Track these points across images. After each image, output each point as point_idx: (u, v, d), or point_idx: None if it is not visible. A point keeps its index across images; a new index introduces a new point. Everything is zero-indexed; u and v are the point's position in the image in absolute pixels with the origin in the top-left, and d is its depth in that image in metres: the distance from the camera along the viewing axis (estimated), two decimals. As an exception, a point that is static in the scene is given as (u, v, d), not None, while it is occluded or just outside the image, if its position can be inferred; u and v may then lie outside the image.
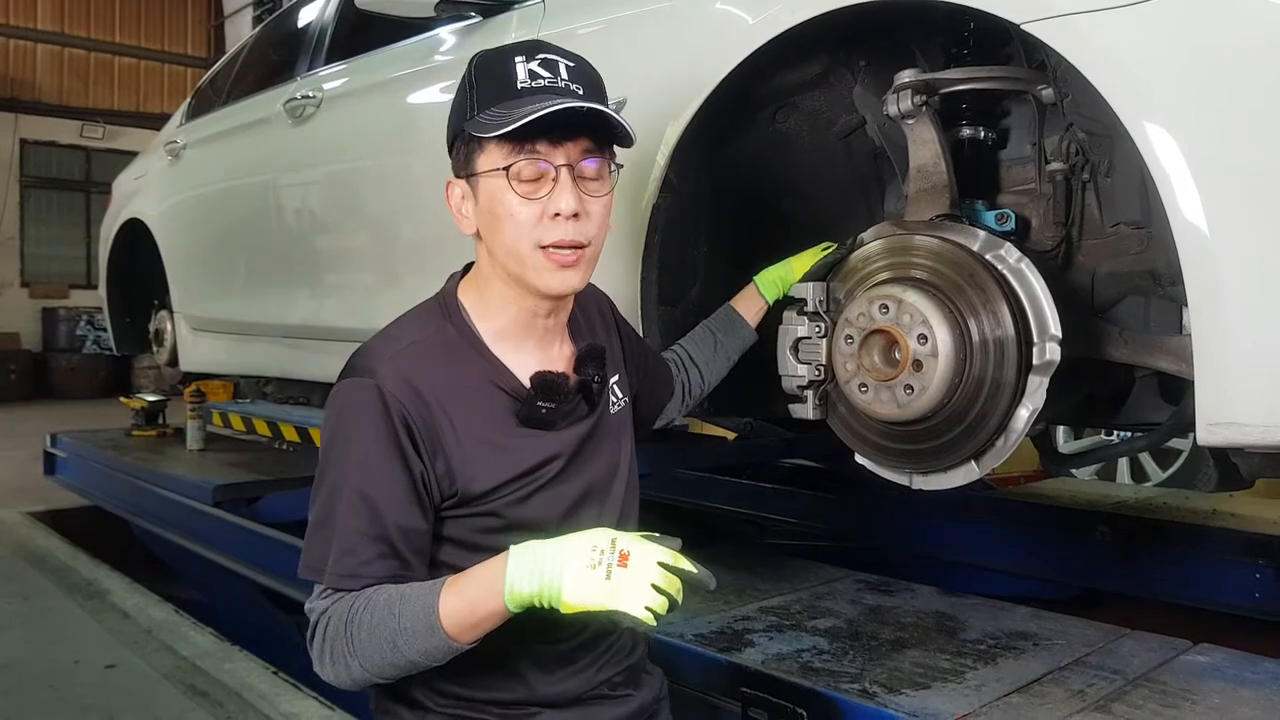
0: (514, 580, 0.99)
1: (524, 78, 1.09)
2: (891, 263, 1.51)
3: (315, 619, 1.08)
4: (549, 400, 1.14)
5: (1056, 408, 1.51)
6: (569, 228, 1.09)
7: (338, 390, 1.12)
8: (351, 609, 1.04)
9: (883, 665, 1.66)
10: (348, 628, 1.04)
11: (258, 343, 3.38)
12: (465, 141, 1.13)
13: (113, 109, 12.07)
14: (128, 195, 4.33)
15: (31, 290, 11.56)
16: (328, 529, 1.08)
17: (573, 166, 1.09)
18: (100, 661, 2.65)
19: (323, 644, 1.06)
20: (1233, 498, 3.01)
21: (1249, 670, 1.65)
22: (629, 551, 0.98)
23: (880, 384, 1.48)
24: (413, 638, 1.01)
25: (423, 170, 2.42)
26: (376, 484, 1.06)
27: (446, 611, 1.01)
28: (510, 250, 1.11)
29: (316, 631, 1.07)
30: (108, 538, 4.08)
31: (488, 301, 1.16)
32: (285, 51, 3.39)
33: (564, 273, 1.11)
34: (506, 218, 1.09)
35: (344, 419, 1.10)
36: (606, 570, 0.97)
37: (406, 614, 1.02)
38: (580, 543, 1.00)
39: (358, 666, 1.04)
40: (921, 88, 1.50)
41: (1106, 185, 1.51)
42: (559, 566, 0.98)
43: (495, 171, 1.09)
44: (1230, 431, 1.15)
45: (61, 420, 6.72)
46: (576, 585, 0.97)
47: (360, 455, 1.07)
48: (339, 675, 1.06)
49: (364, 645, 1.03)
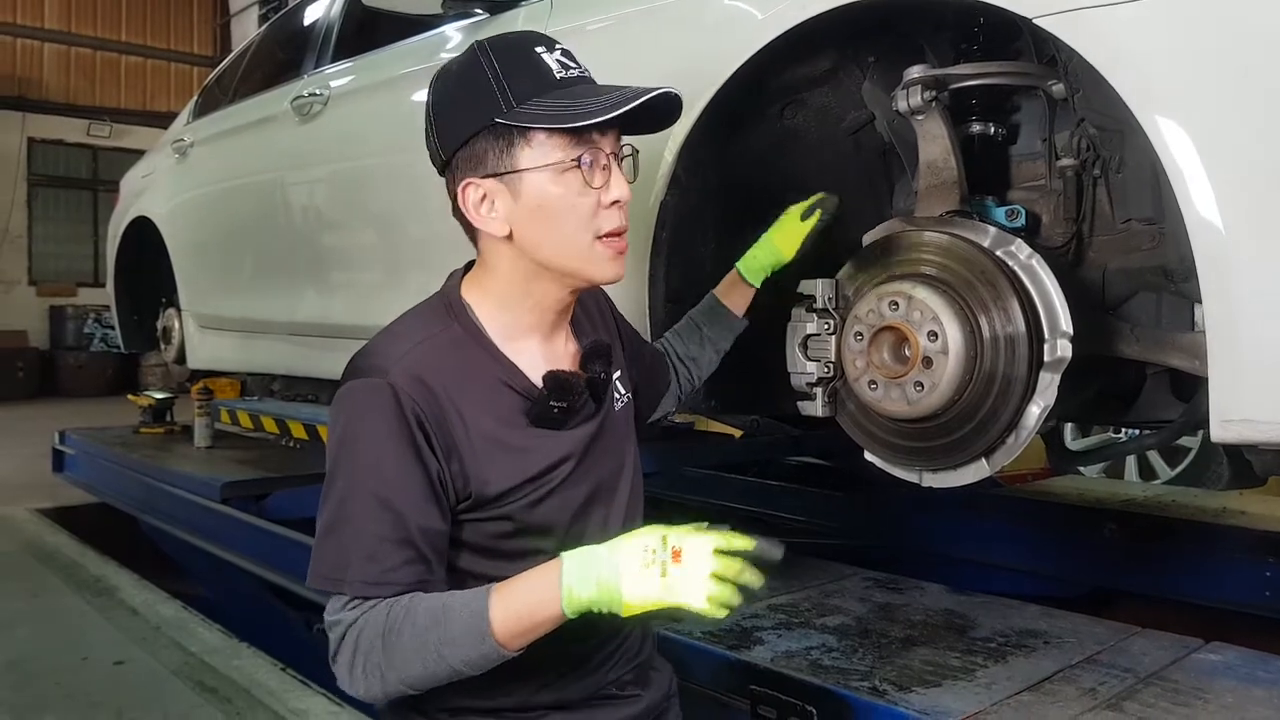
0: (572, 586, 0.99)
1: (556, 69, 1.06)
2: (901, 259, 1.51)
3: (343, 631, 1.02)
4: (562, 400, 1.12)
5: (1067, 405, 1.50)
6: (621, 215, 1.09)
7: (346, 392, 1.08)
8: (390, 619, 1.00)
9: (893, 663, 1.65)
10: (385, 638, 1.00)
11: (265, 340, 3.39)
12: (498, 136, 1.06)
13: (119, 107, 12.11)
14: (135, 193, 4.34)
15: (39, 288, 11.61)
16: (344, 535, 1.04)
17: (617, 155, 1.10)
18: (109, 658, 2.66)
19: (353, 657, 1.02)
20: (1242, 495, 3.00)
21: (1261, 669, 1.65)
22: (680, 547, 0.98)
23: (890, 381, 1.47)
24: (459, 647, 0.99)
25: (429, 168, 2.41)
26: (394, 485, 1.03)
27: (498, 620, 0.99)
28: (566, 245, 1.08)
29: (344, 644, 1.02)
30: (116, 535, 4.08)
31: (498, 299, 1.13)
32: (292, 49, 3.39)
33: (618, 260, 1.11)
34: (567, 211, 1.06)
35: (354, 419, 1.06)
36: (661, 568, 0.97)
37: (454, 623, 0.99)
38: (632, 544, 1.00)
39: (394, 679, 1.00)
40: (931, 83, 1.50)
41: (1118, 181, 1.50)
42: (615, 569, 0.98)
43: (554, 165, 1.05)
44: (1244, 428, 1.14)
45: (69, 418, 6.74)
46: (634, 586, 0.97)
47: (374, 457, 1.04)
48: (370, 688, 1.02)
49: (405, 656, 0.99)
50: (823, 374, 1.56)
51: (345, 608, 1.03)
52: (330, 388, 3.61)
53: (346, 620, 1.02)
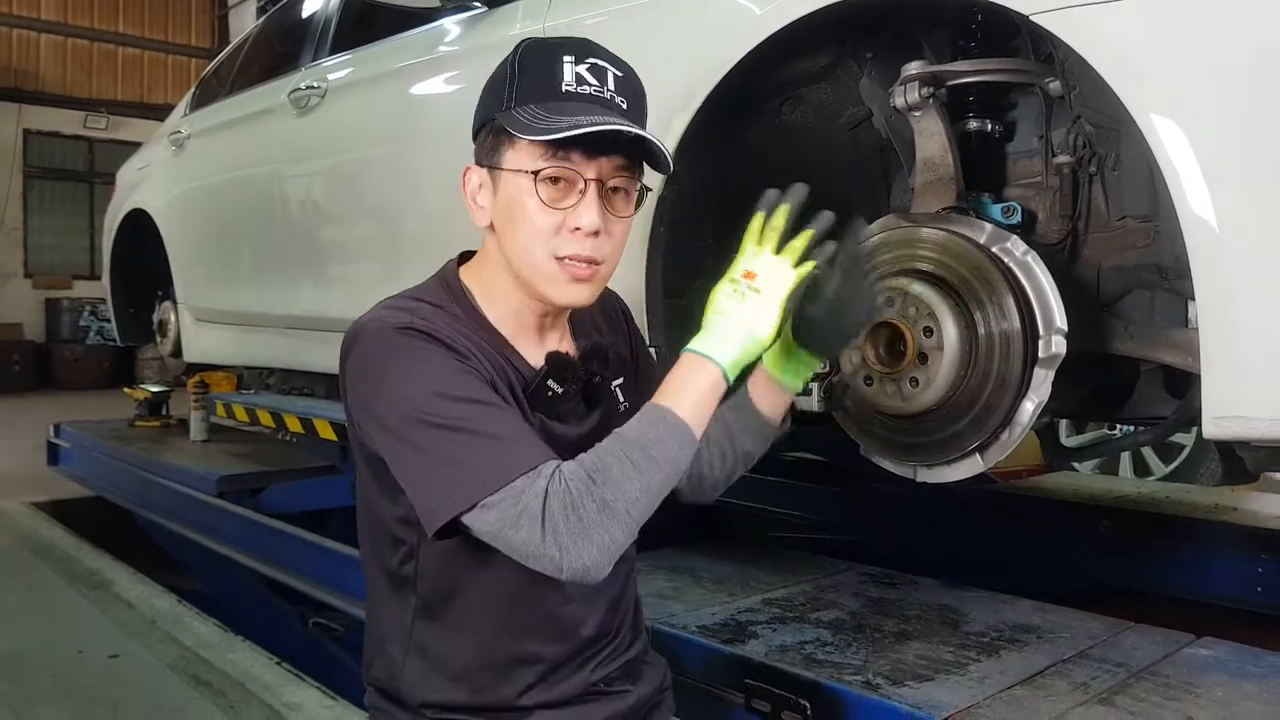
0: (722, 357, 1.05)
1: (570, 80, 1.04)
2: (898, 255, 1.51)
3: (539, 506, 0.95)
4: (559, 382, 1.12)
5: (1062, 401, 1.51)
6: (587, 244, 1.05)
7: (368, 346, 1.05)
8: (583, 464, 0.98)
9: (886, 657, 1.66)
10: (592, 478, 0.97)
11: (261, 334, 3.39)
12: (495, 132, 1.07)
13: (116, 99, 12.08)
14: (131, 186, 4.33)
15: (35, 281, 11.59)
16: (467, 440, 0.98)
17: (602, 182, 1.05)
18: (104, 651, 2.66)
19: (567, 517, 0.95)
20: (1235, 492, 3.01)
21: (1251, 663, 1.65)
22: (746, 269, 1.08)
23: (886, 377, 1.48)
24: (665, 445, 1.00)
25: (426, 160, 2.42)
26: (474, 387, 1.02)
27: (682, 411, 1.02)
28: (523, 253, 1.07)
29: (547, 517, 0.95)
30: (111, 528, 4.08)
31: (490, 289, 1.13)
32: (289, 42, 3.38)
33: (576, 285, 1.07)
34: (524, 221, 1.05)
35: (394, 357, 1.03)
36: (751, 290, 1.06)
37: (646, 432, 1.01)
38: (721, 300, 1.07)
39: (620, 508, 0.96)
40: (929, 80, 1.50)
41: (1113, 178, 1.51)
42: (732, 321, 1.06)
43: (521, 172, 1.04)
44: (1237, 425, 1.15)
45: (65, 411, 6.72)
46: (753, 318, 1.06)
47: (438, 372, 1.01)
48: (594, 536, 0.96)
49: (618, 480, 0.97)
50: (818, 369, 1.56)
51: (517, 495, 0.96)
52: (326, 380, 3.64)
53: (533, 496, 0.96)
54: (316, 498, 3.56)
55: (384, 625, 1.19)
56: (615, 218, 1.07)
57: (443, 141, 2.32)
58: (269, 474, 3.59)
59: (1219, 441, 1.28)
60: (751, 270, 1.07)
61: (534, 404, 1.11)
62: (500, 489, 0.96)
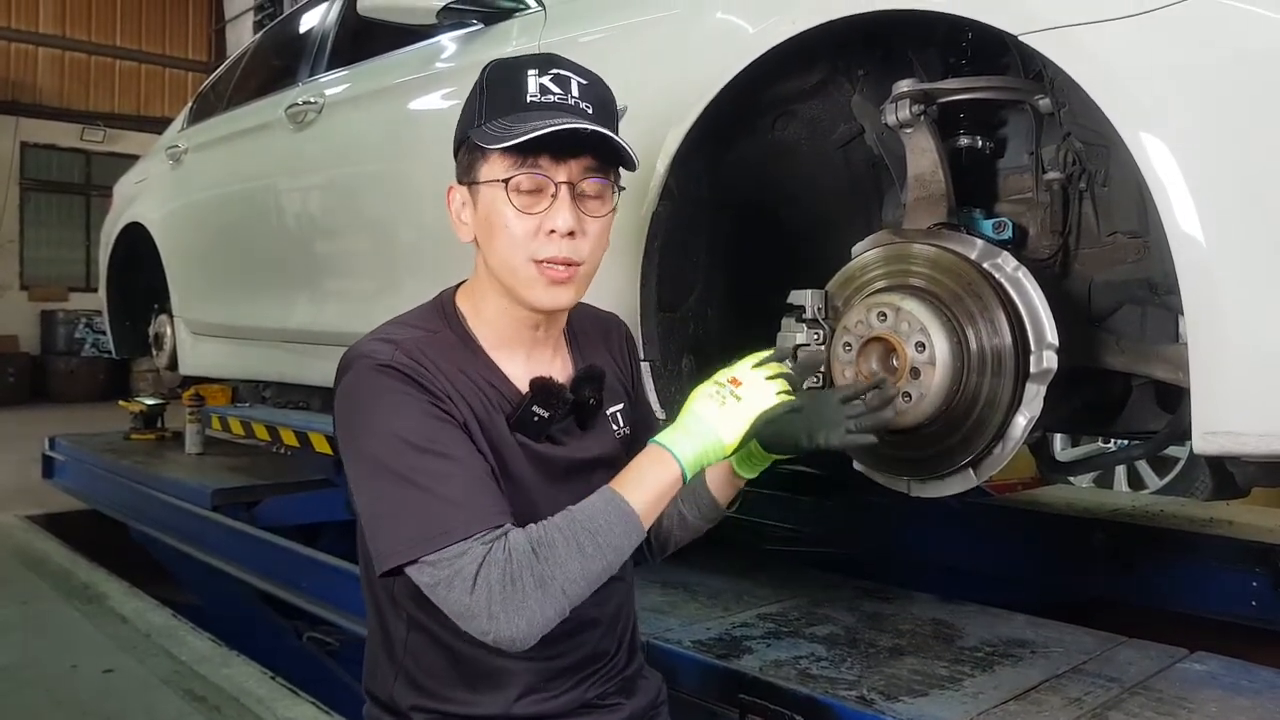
0: (684, 456, 1.09)
1: (534, 91, 1.08)
2: (889, 271, 1.52)
3: (473, 572, 0.99)
4: (545, 407, 1.14)
5: (1054, 415, 1.51)
6: (563, 245, 1.09)
7: (351, 381, 1.09)
8: (531, 536, 1.02)
9: (880, 672, 1.66)
10: (537, 552, 1.00)
11: (257, 347, 3.39)
12: (469, 149, 1.12)
13: (113, 112, 12.10)
14: (128, 199, 4.34)
15: (31, 293, 11.57)
16: (416, 500, 1.02)
17: (573, 184, 1.09)
18: (98, 666, 2.65)
19: (501, 589, 0.99)
20: (1229, 505, 3.01)
21: (1245, 678, 1.66)
22: (733, 376, 1.14)
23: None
24: (611, 534, 1.04)
25: (423, 176, 2.42)
26: (439, 438, 1.05)
27: (635, 502, 1.06)
28: (503, 261, 1.11)
29: (479, 585, 0.99)
30: (106, 542, 4.07)
31: (481, 310, 1.17)
32: (287, 57, 3.40)
33: (555, 289, 1.11)
34: (502, 229, 1.09)
35: (371, 399, 1.07)
36: (733, 397, 1.11)
37: (596, 518, 1.04)
38: (701, 400, 1.12)
39: (555, 588, 1.00)
40: (920, 97, 1.51)
41: (1103, 194, 1.52)
42: (704, 424, 1.10)
43: (495, 182, 1.09)
44: (1226, 440, 1.16)
45: (60, 423, 6.72)
46: (724, 425, 1.10)
47: (406, 422, 1.05)
48: (525, 615, 0.99)
49: (561, 560, 1.00)
50: (812, 384, 1.57)
51: (455, 558, 1.00)
52: (322, 395, 3.64)
53: (470, 561, 1.00)
54: (312, 511, 3.56)
55: (381, 637, 1.21)
56: (590, 218, 1.11)
57: (438, 157, 2.31)
58: (264, 487, 3.59)
59: (1209, 456, 1.28)
60: (739, 379, 1.13)
61: (519, 428, 1.14)
62: (439, 550, 1.00)
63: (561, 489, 1.15)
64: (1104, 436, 3.45)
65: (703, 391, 1.13)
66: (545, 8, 2.14)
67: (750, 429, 1.11)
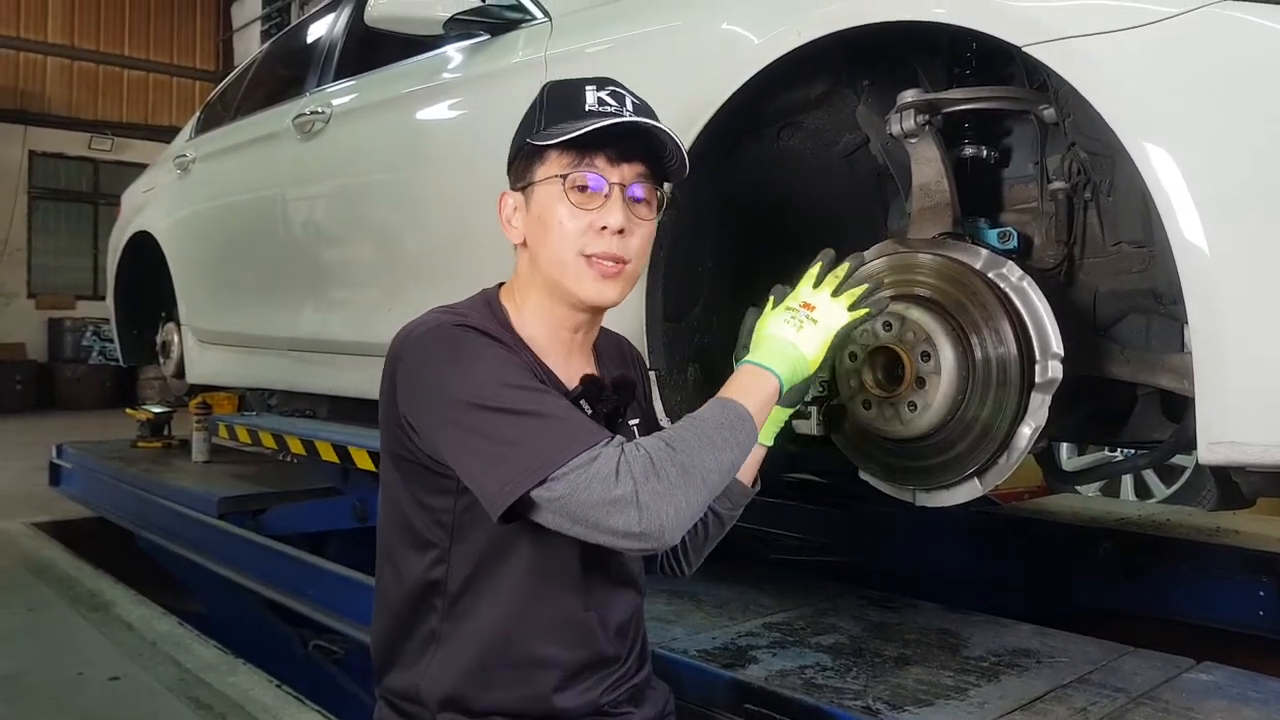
0: (779, 370, 1.14)
1: (592, 103, 1.14)
2: (895, 280, 1.52)
3: (614, 465, 0.99)
4: (592, 403, 1.18)
5: (1059, 425, 1.52)
6: (614, 241, 1.13)
7: (427, 341, 1.11)
8: (660, 437, 1.05)
9: (886, 682, 1.66)
10: (671, 445, 1.03)
11: (264, 355, 3.40)
12: (527, 155, 1.17)
13: (121, 121, 12.15)
14: (136, 208, 4.36)
15: (38, 301, 11.60)
16: (535, 422, 1.03)
17: (625, 186, 1.14)
18: (104, 673, 2.65)
19: (647, 476, 0.99)
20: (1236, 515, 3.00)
21: (1251, 689, 1.65)
22: (805, 301, 1.19)
23: (884, 400, 1.49)
24: (734, 430, 1.08)
25: (429, 186, 2.44)
26: (534, 379, 1.09)
27: (749, 405, 1.11)
28: (554, 257, 1.14)
29: (621, 474, 0.99)
30: (112, 549, 4.07)
31: (523, 310, 1.20)
32: (294, 67, 3.42)
33: (604, 283, 1.15)
34: (556, 225, 1.13)
35: (454, 349, 1.09)
36: (810, 321, 1.17)
37: (717, 415, 1.08)
38: (778, 324, 1.18)
39: (697, 476, 1.02)
40: (924, 107, 1.52)
41: (1108, 204, 1.52)
42: (789, 344, 1.15)
43: (552, 179, 1.13)
44: (1231, 450, 1.16)
45: (67, 431, 6.72)
46: (806, 344, 1.16)
47: (501, 365, 1.08)
48: (674, 498, 1.00)
49: (694, 451, 1.03)
50: (817, 393, 1.57)
51: (588, 462, 1.00)
52: (328, 403, 3.64)
53: (606, 460, 1.00)
54: (318, 520, 3.56)
55: (403, 633, 1.21)
56: (638, 220, 1.16)
57: (445, 166, 2.34)
58: (270, 496, 3.59)
59: (1214, 466, 1.28)
60: (812, 303, 1.19)
61: None
62: (567, 461, 1.01)
63: None
64: (1110, 446, 3.44)
65: (776, 318, 1.18)
66: (551, 19, 2.15)
67: (828, 349, 1.18)
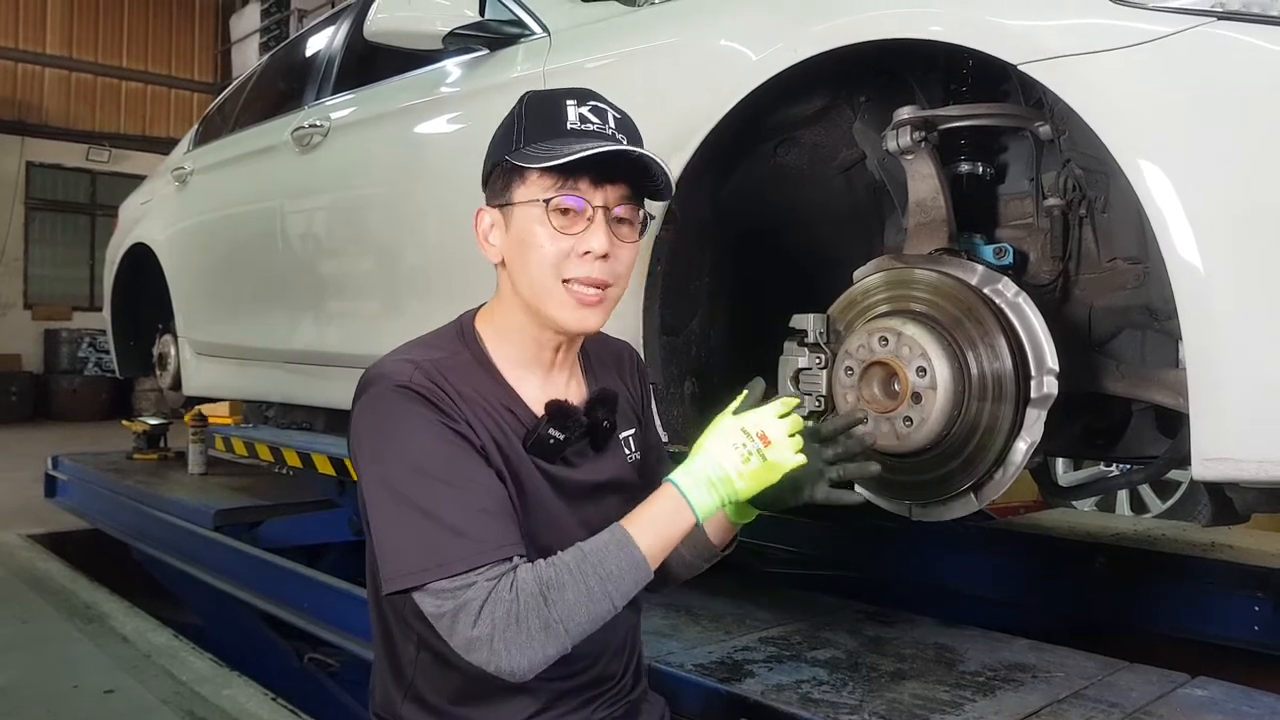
0: (697, 502, 1.08)
1: (574, 120, 1.11)
2: (891, 296, 1.53)
3: (477, 608, 1.00)
4: (560, 429, 1.15)
5: (1054, 440, 1.52)
6: (596, 265, 1.11)
7: (367, 401, 1.11)
8: (540, 576, 1.02)
9: (882, 696, 1.66)
10: (545, 594, 1.01)
11: (261, 368, 3.40)
12: (505, 172, 1.14)
13: (119, 132, 12.16)
14: (134, 220, 4.36)
15: (34, 312, 11.59)
16: (422, 525, 1.03)
17: (609, 209, 1.12)
18: (99, 686, 2.64)
19: (504, 628, 1.00)
20: (1231, 530, 3.01)
21: (1246, 704, 1.65)
22: (762, 431, 1.09)
23: (880, 415, 1.49)
24: (620, 581, 1.04)
25: (427, 200, 2.44)
26: (453, 463, 1.06)
27: (644, 546, 1.06)
28: (534, 281, 1.12)
29: (482, 620, 1.00)
30: (108, 561, 4.07)
31: (502, 330, 1.18)
32: (293, 80, 3.43)
33: (584, 310, 1.12)
34: (536, 249, 1.11)
35: (387, 420, 1.08)
36: (758, 455, 1.08)
37: (606, 561, 1.04)
38: (724, 445, 1.09)
39: (560, 630, 1.01)
40: (920, 124, 1.53)
41: (1103, 221, 1.53)
42: (723, 471, 1.08)
43: (533, 202, 1.10)
44: (1225, 466, 1.17)
45: (62, 442, 6.72)
46: (743, 479, 1.08)
47: (421, 445, 1.06)
48: (527, 654, 1.01)
49: (569, 604, 1.01)
50: (813, 407, 1.58)
51: (461, 589, 1.01)
52: (325, 415, 3.64)
53: (475, 597, 1.01)
54: (314, 532, 3.56)
55: (388, 657, 1.22)
56: (621, 243, 1.13)
57: (443, 180, 2.35)
58: (267, 508, 3.59)
59: (1208, 482, 1.29)
60: (769, 436, 1.09)
61: (534, 450, 1.15)
62: (446, 578, 1.02)
63: (574, 510, 1.17)
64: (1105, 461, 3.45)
65: (728, 437, 1.10)
66: (550, 34, 2.17)
67: (765, 484, 1.10)
